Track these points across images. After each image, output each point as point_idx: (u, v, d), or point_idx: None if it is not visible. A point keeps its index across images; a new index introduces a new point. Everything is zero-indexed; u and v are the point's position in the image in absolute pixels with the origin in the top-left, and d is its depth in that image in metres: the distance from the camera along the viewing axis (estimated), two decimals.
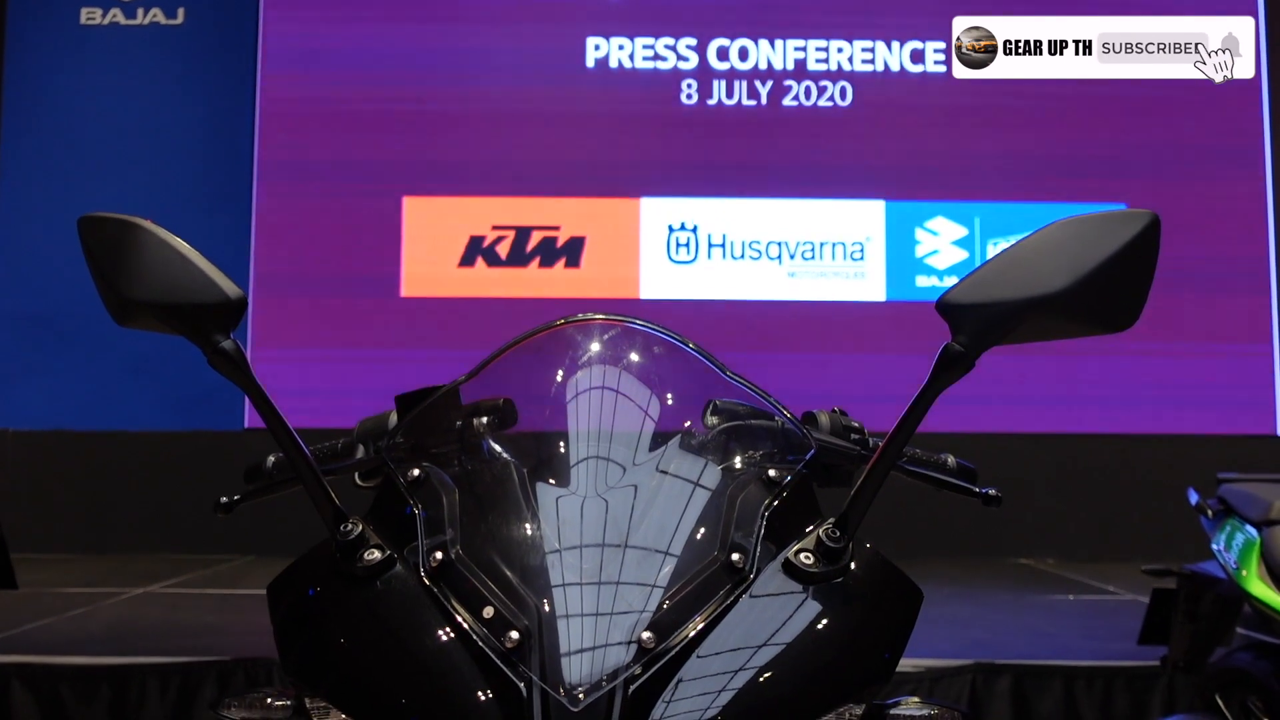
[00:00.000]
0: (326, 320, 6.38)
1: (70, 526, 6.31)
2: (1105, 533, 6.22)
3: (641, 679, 0.91)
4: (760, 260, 6.50)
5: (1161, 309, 6.49)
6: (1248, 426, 6.43)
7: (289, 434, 1.00)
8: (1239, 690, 2.50)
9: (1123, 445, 6.39)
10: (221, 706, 1.01)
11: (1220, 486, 2.68)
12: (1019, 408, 6.39)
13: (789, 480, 1.08)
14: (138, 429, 6.46)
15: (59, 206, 6.49)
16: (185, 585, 5.11)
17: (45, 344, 6.58)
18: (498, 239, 6.48)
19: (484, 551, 0.99)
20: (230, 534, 6.17)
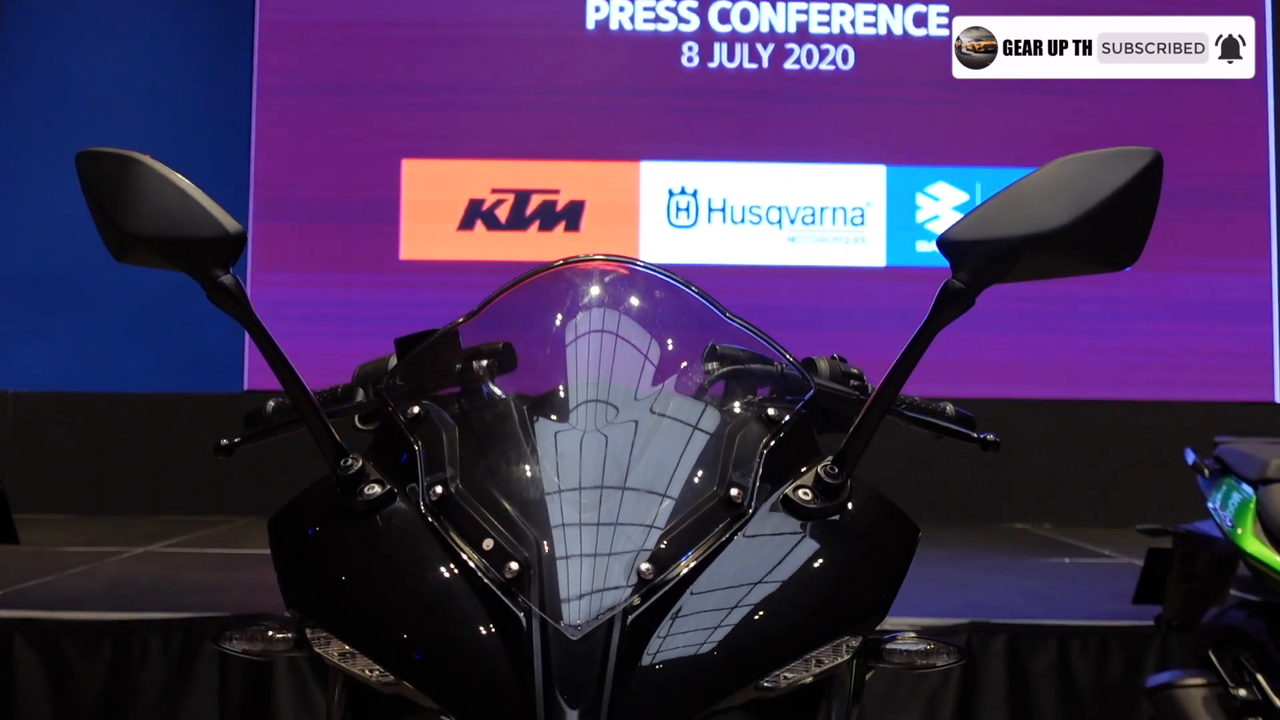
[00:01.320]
0: (325, 284, 6.37)
1: (70, 488, 6.33)
2: (1102, 498, 6.24)
3: (640, 609, 0.92)
4: (760, 225, 6.48)
5: (1161, 277, 6.49)
6: (1246, 394, 6.44)
7: (288, 369, 1.00)
8: (1232, 647, 2.52)
9: (1120, 411, 6.41)
10: (223, 639, 1.02)
11: (1217, 446, 2.69)
12: (1016, 373, 6.40)
13: (788, 420, 1.09)
14: (137, 390, 6.47)
15: (56, 168, 6.46)
16: (185, 545, 5.14)
17: (44, 306, 6.58)
18: (497, 202, 6.46)
19: (484, 486, 1.00)
20: (230, 495, 6.19)
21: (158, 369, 6.50)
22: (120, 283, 6.53)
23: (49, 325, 6.57)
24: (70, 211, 6.45)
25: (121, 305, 6.54)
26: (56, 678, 3.25)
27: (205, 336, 6.50)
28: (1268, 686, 2.34)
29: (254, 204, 6.48)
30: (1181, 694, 2.49)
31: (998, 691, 3.27)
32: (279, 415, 1.32)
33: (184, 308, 6.52)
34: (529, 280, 1.25)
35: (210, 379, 6.34)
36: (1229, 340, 6.50)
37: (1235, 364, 6.50)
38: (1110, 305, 6.50)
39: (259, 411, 1.35)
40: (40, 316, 6.58)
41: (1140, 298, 6.50)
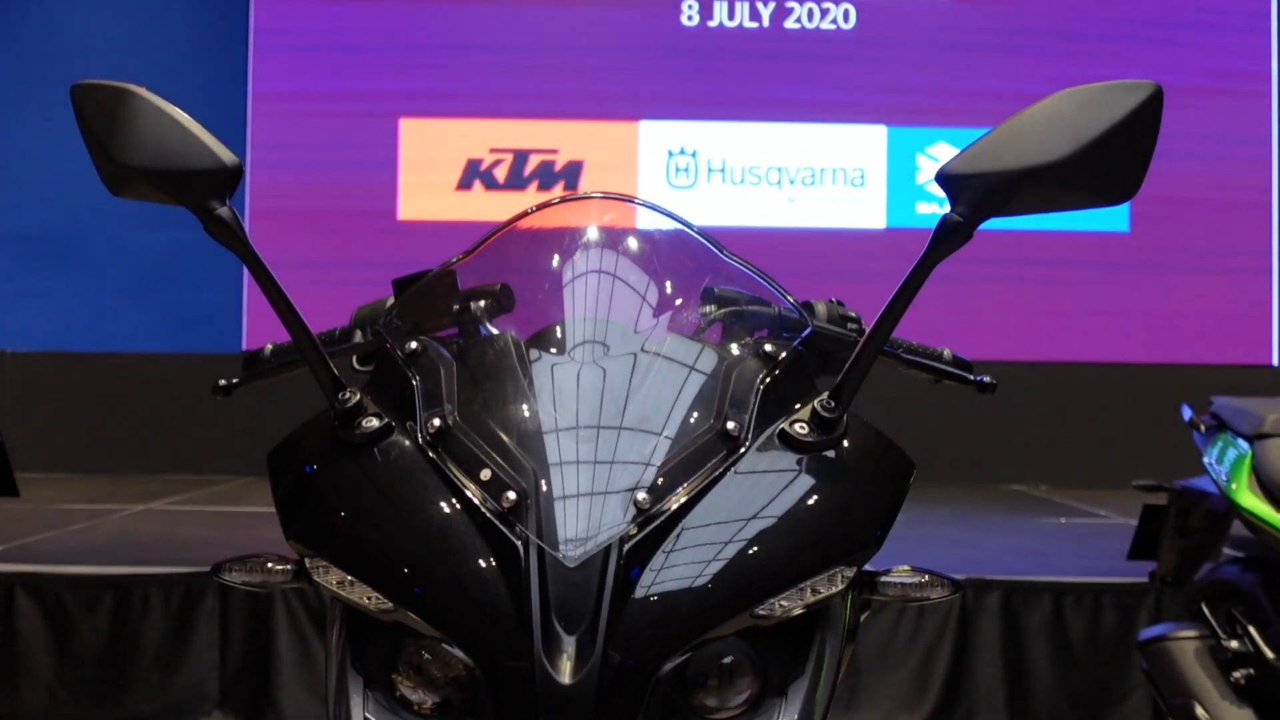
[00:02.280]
0: (322, 243, 6.36)
1: (69, 447, 6.35)
2: (1098, 459, 6.27)
3: (636, 538, 0.92)
4: (760, 185, 6.46)
5: (1160, 237, 6.48)
6: (1244, 356, 6.45)
7: (285, 301, 1.00)
8: (1225, 601, 2.54)
9: (1118, 373, 6.42)
10: (223, 571, 1.03)
11: (1213, 402, 2.69)
12: (1013, 335, 6.41)
13: (785, 356, 1.09)
14: (136, 351, 6.47)
15: (53, 127, 6.43)
16: (185, 503, 5.16)
17: (42, 266, 6.57)
18: (495, 162, 6.43)
19: (481, 419, 1.00)
20: (229, 454, 6.21)
21: (157, 329, 6.50)
22: (119, 243, 6.52)
23: (48, 285, 6.56)
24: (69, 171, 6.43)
25: (121, 266, 6.54)
26: (57, 630, 3.28)
27: (204, 298, 6.50)
28: (1259, 638, 2.35)
29: (250, 165, 6.45)
30: (1173, 646, 2.51)
31: (992, 647, 3.30)
32: (277, 358, 1.32)
33: (183, 269, 6.51)
34: (527, 218, 1.25)
35: (209, 340, 6.35)
36: (1228, 303, 6.50)
37: (1234, 327, 6.51)
38: (1109, 267, 6.49)
39: (257, 354, 1.35)
40: (39, 276, 6.57)
41: (1139, 260, 6.49)
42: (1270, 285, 6.52)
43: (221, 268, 6.44)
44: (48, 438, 6.28)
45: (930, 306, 1.34)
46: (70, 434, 6.41)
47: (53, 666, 3.26)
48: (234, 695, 3.29)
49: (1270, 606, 2.36)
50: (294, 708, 3.24)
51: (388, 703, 0.95)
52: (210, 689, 3.28)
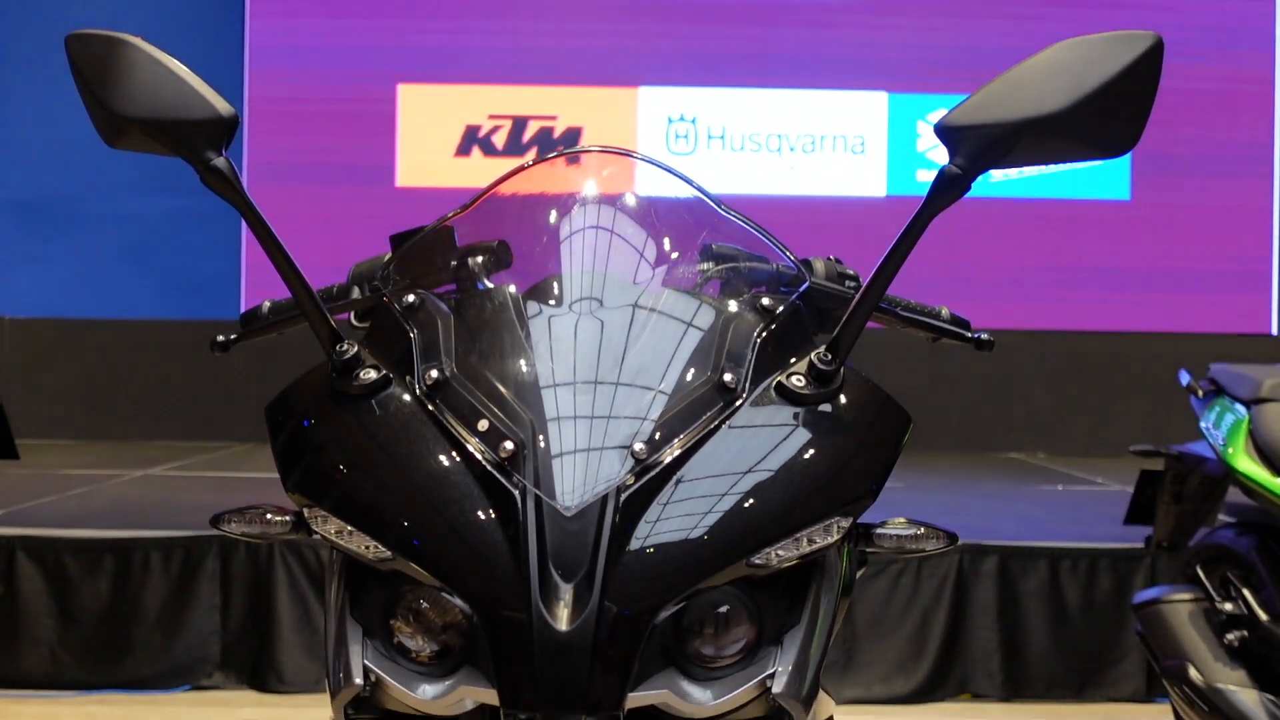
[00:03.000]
0: (320, 209, 6.33)
1: (67, 413, 6.36)
2: (1096, 428, 6.29)
3: (633, 488, 0.93)
4: (760, 153, 6.43)
5: (1161, 206, 6.46)
6: (1243, 326, 6.45)
7: (283, 253, 1.00)
8: (1219, 565, 2.55)
9: (1116, 341, 6.42)
10: (222, 521, 1.03)
11: (1211, 367, 2.69)
12: (1012, 304, 6.40)
13: (782, 310, 1.09)
14: (133, 317, 6.47)
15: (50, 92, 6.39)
16: (184, 469, 5.18)
17: (39, 232, 6.55)
18: (494, 128, 6.41)
19: (479, 370, 1.01)
20: (228, 421, 6.23)
21: (154, 296, 6.50)
22: (117, 209, 6.51)
23: (45, 251, 6.55)
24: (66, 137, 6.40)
25: (118, 232, 6.52)
26: (59, 593, 3.30)
27: (202, 265, 6.49)
28: (1253, 601, 2.37)
29: (246, 132, 6.42)
30: (1168, 609, 2.53)
31: (988, 610, 3.32)
32: (275, 314, 1.32)
33: (181, 235, 6.50)
34: (525, 172, 1.24)
35: (206, 307, 6.34)
36: (1227, 272, 6.50)
37: (1233, 296, 6.51)
38: (1109, 236, 6.48)
39: (255, 311, 1.35)
40: (36, 243, 6.56)
41: (1139, 229, 6.48)
42: (1270, 256, 6.51)
43: (220, 234, 6.43)
44: (46, 404, 6.29)
45: (928, 275, 1.34)
46: (68, 400, 6.42)
47: (54, 629, 3.28)
48: (235, 658, 3.32)
49: (1265, 570, 2.37)
50: (295, 671, 3.26)
51: (387, 650, 0.96)
52: (211, 651, 3.31)
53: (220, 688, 3.27)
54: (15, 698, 3.18)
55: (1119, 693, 3.29)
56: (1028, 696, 3.28)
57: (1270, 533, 2.44)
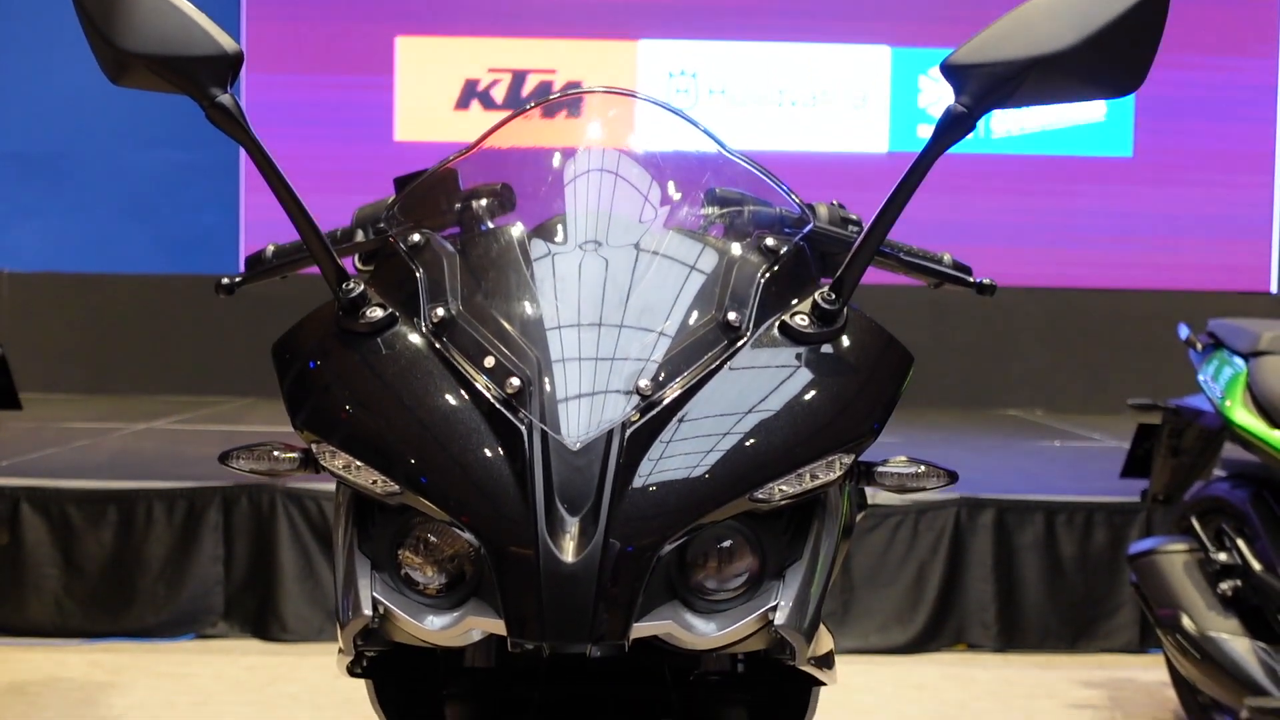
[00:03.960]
0: (318, 164, 6.29)
1: (68, 368, 6.37)
2: (1095, 385, 6.30)
3: (638, 424, 0.94)
4: (761, 107, 6.39)
5: (1162, 163, 6.43)
6: (1243, 283, 6.46)
7: (288, 190, 1.01)
8: (1214, 517, 2.58)
9: (1116, 299, 6.43)
10: (230, 458, 1.04)
11: (1210, 322, 2.70)
12: (1010, 261, 6.39)
13: (786, 250, 1.10)
14: (133, 272, 6.46)
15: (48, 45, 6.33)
16: (186, 423, 5.20)
17: (38, 186, 6.52)
18: (493, 82, 6.36)
19: (485, 309, 1.01)
20: (228, 377, 6.23)
21: (153, 251, 6.48)
22: (115, 163, 6.47)
23: (43, 205, 6.52)
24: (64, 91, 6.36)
25: (116, 186, 6.49)
26: (63, 544, 3.32)
27: (201, 220, 6.47)
28: (1247, 551, 2.40)
29: (244, 85, 6.37)
30: (1162, 559, 2.56)
31: (984, 563, 3.36)
32: (279, 257, 1.33)
33: (180, 190, 6.47)
34: (529, 113, 1.24)
35: (206, 262, 6.32)
36: (1227, 230, 6.49)
37: (1233, 254, 6.50)
38: (1110, 193, 6.46)
39: (259, 254, 1.35)
40: (34, 197, 6.53)
41: (1140, 185, 6.46)
42: (1270, 214, 6.50)
43: (218, 189, 6.41)
44: (46, 358, 6.29)
45: (928, 231, 1.34)
46: (68, 355, 6.42)
47: (59, 578, 3.31)
48: (239, 608, 3.35)
49: (1259, 521, 2.40)
50: (298, 620, 3.30)
51: (394, 583, 0.97)
52: (215, 601, 3.34)
53: (224, 637, 3.31)
54: (23, 645, 3.21)
55: (1113, 644, 3.33)
56: (1022, 647, 3.32)
57: (1265, 485, 2.46)
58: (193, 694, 2.88)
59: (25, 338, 6.27)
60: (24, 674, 2.99)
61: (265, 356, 1.06)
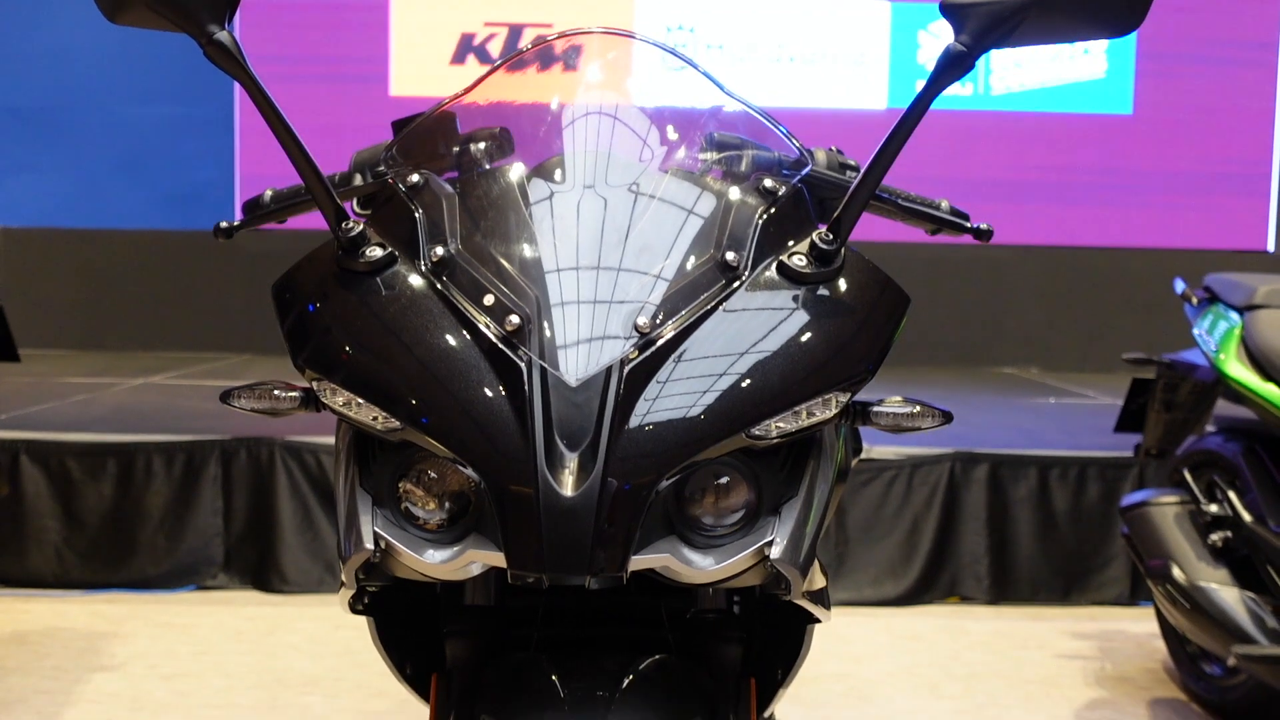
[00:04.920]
0: (312, 119, 6.26)
1: (63, 323, 6.36)
2: (1091, 343, 6.32)
3: (636, 361, 0.95)
4: (759, 63, 6.34)
5: (1163, 121, 6.41)
6: (1240, 241, 6.45)
7: (287, 128, 1.00)
8: (1206, 470, 2.60)
9: (1112, 257, 6.42)
10: (231, 397, 1.05)
11: (1207, 277, 2.71)
12: (1007, 218, 6.37)
13: (784, 192, 1.10)
14: (129, 227, 6.43)
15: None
16: (183, 378, 5.21)
17: (31, 140, 6.47)
18: (489, 36, 6.30)
19: (484, 248, 1.02)
20: (225, 333, 6.23)
21: (149, 206, 6.45)
22: (109, 118, 6.42)
23: (37, 160, 6.48)
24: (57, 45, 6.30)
25: (110, 141, 6.44)
26: (63, 496, 3.34)
27: (197, 175, 6.43)
28: (1238, 503, 2.42)
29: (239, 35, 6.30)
30: (1154, 511, 2.58)
31: (978, 516, 3.38)
32: (277, 201, 1.33)
33: (174, 145, 6.43)
34: (527, 55, 1.24)
35: (202, 217, 6.28)
36: (1226, 188, 6.47)
37: (1231, 212, 6.49)
38: (1109, 150, 6.44)
39: (258, 199, 1.35)
40: (29, 151, 6.48)
41: (1140, 143, 6.44)
42: (1269, 172, 6.48)
43: (214, 144, 6.36)
44: (41, 313, 6.28)
45: (926, 188, 1.34)
46: (64, 310, 6.41)
47: (59, 530, 3.33)
48: (239, 559, 3.38)
49: (1250, 473, 2.42)
50: (297, 572, 3.33)
51: (395, 518, 0.98)
52: (215, 553, 3.36)
53: (224, 588, 3.34)
54: (24, 596, 3.24)
55: (1103, 596, 3.37)
56: (1014, 600, 3.36)
57: (1257, 438, 2.48)
58: (194, 644, 2.91)
59: (21, 293, 6.25)
60: (26, 624, 3.02)
61: (263, 313, 1.07)
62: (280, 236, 1.37)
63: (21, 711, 2.45)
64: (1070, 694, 2.70)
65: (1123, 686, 2.76)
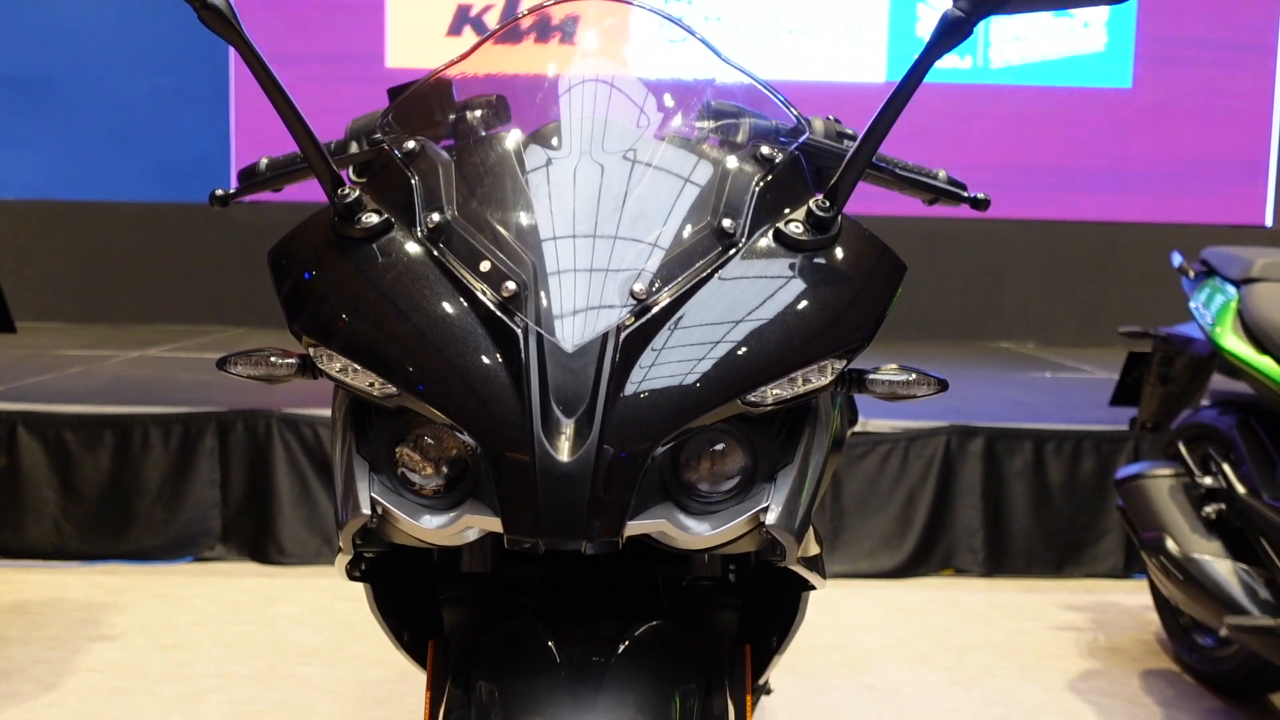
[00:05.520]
0: (307, 91, 6.22)
1: (60, 296, 6.35)
2: (1087, 318, 6.33)
3: (633, 327, 0.94)
4: (757, 37, 6.31)
5: (1162, 95, 6.38)
6: (1238, 216, 6.45)
7: (282, 93, 1.00)
8: (1201, 443, 2.61)
9: (1110, 231, 6.42)
10: (228, 364, 1.05)
11: (1204, 250, 2.71)
12: (1004, 192, 6.37)
13: (782, 159, 1.10)
14: (124, 200, 6.41)
15: None
16: (180, 350, 5.20)
17: (25, 112, 6.44)
18: (486, 7, 6.26)
19: (480, 214, 1.01)
20: (221, 306, 6.23)
21: (144, 179, 6.42)
22: (104, 90, 6.39)
23: (32, 132, 6.45)
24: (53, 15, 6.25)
25: (106, 113, 6.41)
26: (60, 467, 3.35)
27: (191, 147, 6.40)
28: (1232, 475, 2.43)
29: None
30: (1149, 483, 2.59)
31: (973, 490, 3.40)
32: (272, 169, 1.32)
33: (170, 117, 6.39)
34: (523, 21, 1.23)
35: (197, 190, 6.26)
36: (1224, 163, 6.46)
37: (1229, 187, 6.48)
38: (1107, 124, 6.42)
39: (253, 167, 1.35)
40: (23, 123, 6.45)
41: (1138, 117, 6.42)
42: (1268, 147, 6.47)
43: (209, 115, 6.33)
44: (37, 287, 6.27)
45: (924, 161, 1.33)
46: (59, 283, 6.40)
47: (57, 502, 3.33)
48: (236, 531, 3.39)
49: (1245, 446, 2.42)
50: (295, 543, 3.34)
51: (392, 484, 0.98)
52: (213, 525, 3.37)
53: (222, 560, 3.35)
54: (23, 566, 3.25)
55: (1098, 569, 3.39)
56: (1009, 572, 3.38)
57: (1252, 411, 2.49)
58: (192, 614, 2.92)
59: (16, 265, 6.24)
60: (25, 594, 3.03)
61: (260, 287, 1.06)
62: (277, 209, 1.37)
63: (21, 681, 2.47)
64: (1063, 665, 2.72)
65: (1116, 658, 2.78)
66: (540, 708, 0.97)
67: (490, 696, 1.01)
